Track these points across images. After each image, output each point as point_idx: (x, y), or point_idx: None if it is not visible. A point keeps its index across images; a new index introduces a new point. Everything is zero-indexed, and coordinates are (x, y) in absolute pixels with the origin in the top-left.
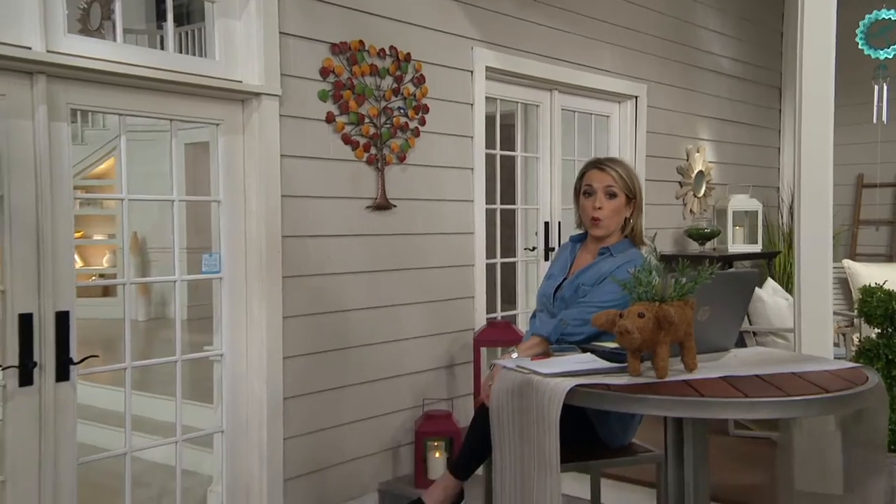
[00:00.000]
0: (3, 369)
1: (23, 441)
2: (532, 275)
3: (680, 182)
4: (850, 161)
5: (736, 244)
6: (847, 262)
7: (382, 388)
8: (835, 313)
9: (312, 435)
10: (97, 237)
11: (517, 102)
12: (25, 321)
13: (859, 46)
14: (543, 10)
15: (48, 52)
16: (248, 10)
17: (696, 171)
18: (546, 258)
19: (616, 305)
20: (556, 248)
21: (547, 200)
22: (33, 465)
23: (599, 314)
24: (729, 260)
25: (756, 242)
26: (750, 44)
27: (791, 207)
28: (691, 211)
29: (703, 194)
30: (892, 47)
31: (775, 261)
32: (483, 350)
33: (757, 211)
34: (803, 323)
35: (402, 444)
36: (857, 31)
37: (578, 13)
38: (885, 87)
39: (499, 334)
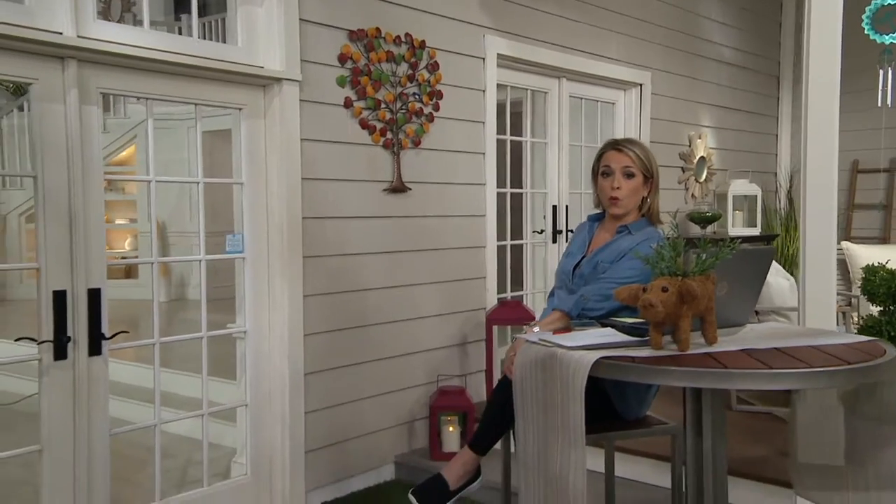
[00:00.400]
0: (38, 344)
1: (58, 412)
2: (539, 257)
3: (682, 167)
4: (845, 147)
5: (736, 227)
6: (845, 244)
7: (398, 365)
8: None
9: (332, 409)
10: (119, 221)
11: (526, 89)
12: (59, 298)
13: (865, 31)
14: (554, 0)
15: (79, 37)
16: None
17: (697, 157)
18: (554, 241)
19: (636, 281)
20: (564, 230)
21: (555, 185)
22: (68, 436)
23: (622, 288)
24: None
25: (755, 226)
26: (749, 33)
27: (789, 192)
28: (693, 195)
29: (705, 179)
30: None
31: (773, 243)
32: (495, 329)
33: (756, 195)
34: (807, 302)
35: (417, 418)
36: (864, 16)
37: (587, 2)
38: (889, 72)
39: (510, 313)
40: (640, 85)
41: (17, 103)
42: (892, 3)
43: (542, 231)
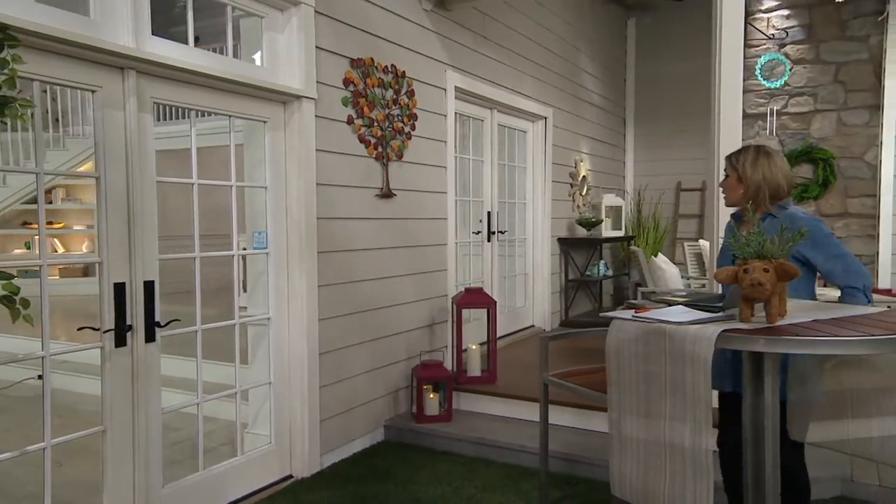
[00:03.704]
0: (102, 333)
1: (119, 395)
2: (476, 253)
3: (571, 184)
4: (672, 171)
5: (607, 231)
6: (701, 242)
7: (386, 344)
8: (696, 277)
9: (340, 383)
10: (77, 227)
11: (469, 117)
12: (119, 290)
13: (758, 78)
14: (491, 46)
15: (138, 49)
16: (291, 25)
17: (581, 176)
18: (489, 240)
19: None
20: (496, 231)
21: (489, 195)
22: (128, 416)
23: (721, 270)
24: (604, 242)
25: (620, 229)
26: (607, 84)
27: (638, 204)
28: (578, 206)
29: (585, 193)
30: (780, 80)
31: (634, 242)
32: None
33: (621, 206)
34: None
35: (400, 388)
36: (756, 67)
37: (511, 50)
38: (774, 109)
39: (474, 298)
40: (545, 118)
41: None
42: (775, 58)
43: (478, 232)
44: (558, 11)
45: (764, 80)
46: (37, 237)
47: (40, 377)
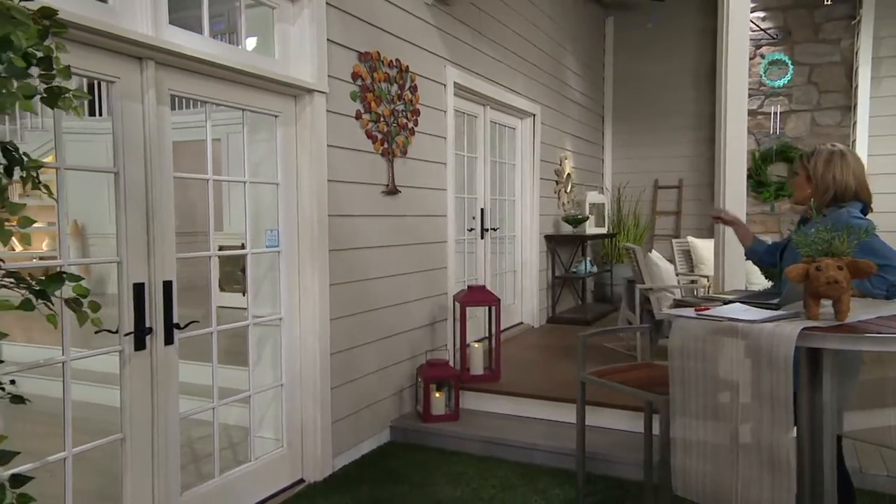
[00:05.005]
0: (123, 336)
1: (138, 400)
2: (468, 251)
3: (556, 181)
4: (650, 169)
5: (591, 227)
6: (689, 238)
7: (393, 343)
8: (684, 274)
9: (350, 383)
10: (37, 225)
11: (464, 114)
12: (138, 290)
13: (762, 78)
14: (487, 42)
15: (157, 38)
16: (302, 17)
17: (566, 174)
18: (482, 237)
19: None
20: (489, 229)
21: (482, 191)
22: (147, 422)
23: (793, 267)
24: (589, 238)
25: (603, 226)
26: (588, 82)
27: (618, 201)
28: (563, 203)
29: (570, 190)
30: (784, 79)
31: (616, 239)
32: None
33: (604, 203)
34: (727, 273)
35: (405, 387)
36: (761, 66)
37: (506, 47)
38: (778, 107)
39: (478, 296)
40: (534, 115)
41: None
42: (779, 58)
43: (472, 229)
44: (546, 9)
45: (768, 78)
46: None
47: (13, 382)
